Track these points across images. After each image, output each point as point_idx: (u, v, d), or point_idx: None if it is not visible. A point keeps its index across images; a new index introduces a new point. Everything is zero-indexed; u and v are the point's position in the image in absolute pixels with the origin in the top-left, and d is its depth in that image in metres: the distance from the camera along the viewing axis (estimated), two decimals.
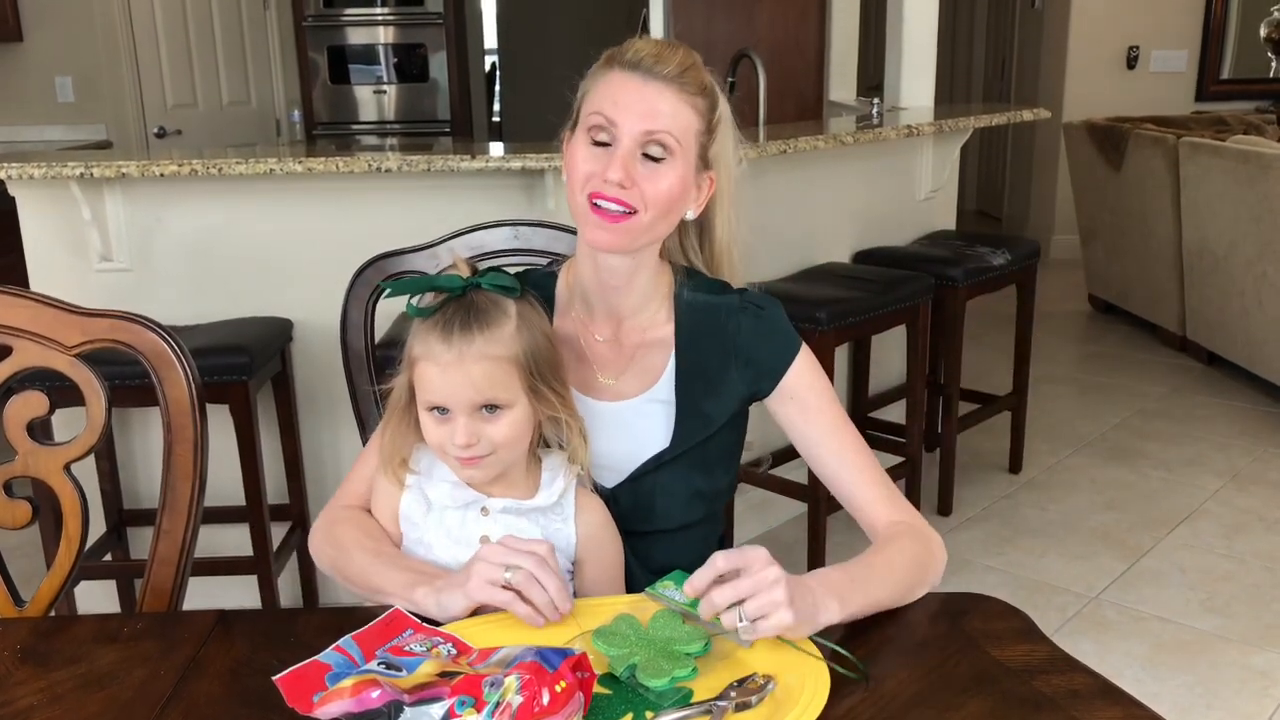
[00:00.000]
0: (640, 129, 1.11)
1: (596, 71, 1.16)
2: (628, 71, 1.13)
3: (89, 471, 2.46)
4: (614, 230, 1.13)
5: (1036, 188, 6.66)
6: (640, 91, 1.12)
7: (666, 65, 1.12)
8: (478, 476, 1.13)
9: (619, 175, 1.10)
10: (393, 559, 1.13)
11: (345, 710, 0.84)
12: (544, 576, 1.01)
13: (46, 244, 2.51)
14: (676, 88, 1.13)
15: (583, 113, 1.16)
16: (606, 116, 1.12)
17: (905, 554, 1.13)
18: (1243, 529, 3.04)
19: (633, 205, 1.12)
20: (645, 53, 1.13)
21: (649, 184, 1.12)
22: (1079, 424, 3.86)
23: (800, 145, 2.65)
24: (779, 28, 4.04)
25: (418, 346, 1.09)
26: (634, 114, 1.11)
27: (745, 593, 0.94)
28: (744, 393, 1.23)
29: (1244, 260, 3.94)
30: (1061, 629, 2.55)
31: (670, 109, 1.13)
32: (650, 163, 1.12)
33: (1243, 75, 6.33)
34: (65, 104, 4.72)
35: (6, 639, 1.05)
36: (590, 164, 1.13)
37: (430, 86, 5.64)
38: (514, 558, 1.01)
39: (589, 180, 1.13)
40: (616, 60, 1.14)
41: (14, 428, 1.21)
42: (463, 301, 1.09)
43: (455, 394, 1.07)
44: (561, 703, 0.84)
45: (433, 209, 2.49)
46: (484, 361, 1.07)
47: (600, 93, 1.14)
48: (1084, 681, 0.94)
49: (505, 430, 1.09)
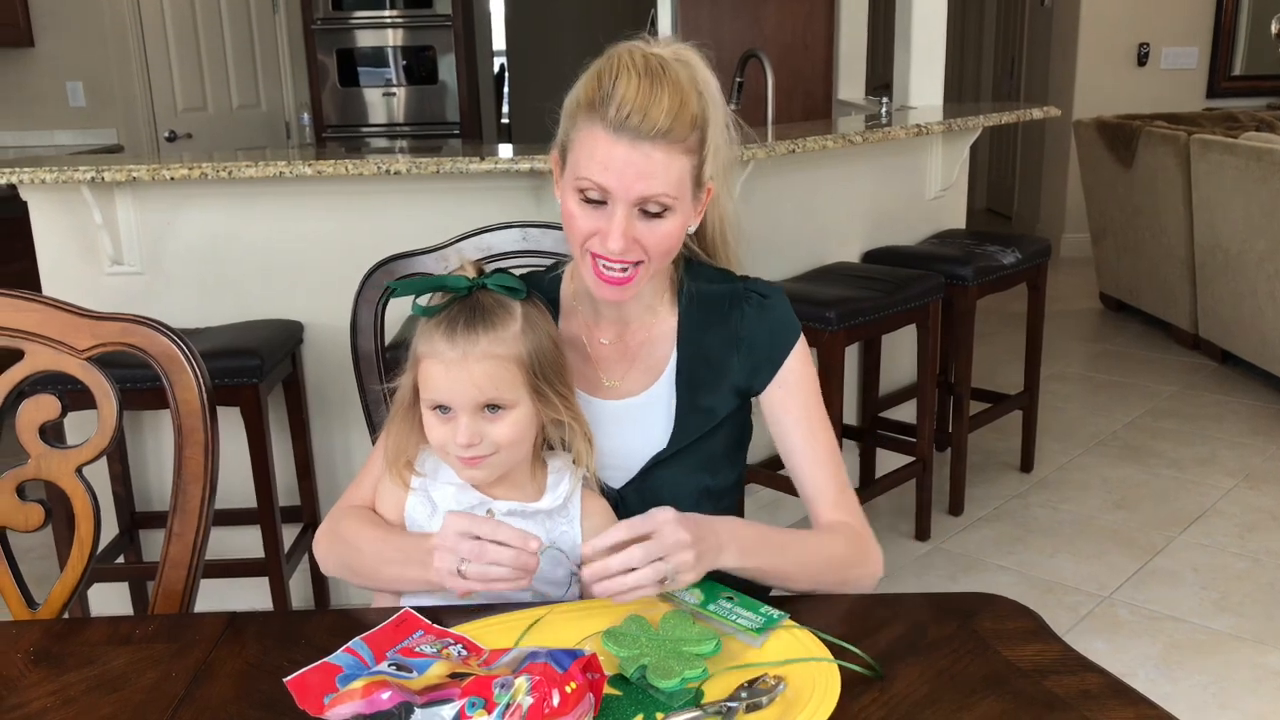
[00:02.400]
0: (634, 195, 1.08)
1: (580, 118, 1.10)
2: (613, 133, 1.06)
3: (101, 474, 2.47)
4: (619, 289, 1.13)
5: (1047, 186, 6.64)
6: (629, 156, 1.06)
7: (654, 121, 1.06)
8: (479, 477, 1.13)
9: (619, 245, 1.09)
10: (402, 543, 1.13)
11: (356, 712, 0.85)
12: (492, 556, 1.01)
13: (58, 248, 2.52)
14: (666, 143, 1.07)
15: (570, 161, 1.12)
16: (596, 183, 1.08)
17: (828, 549, 1.18)
18: (1256, 528, 3.02)
19: (635, 260, 1.12)
20: (630, 106, 1.05)
21: (649, 238, 1.10)
22: (1090, 423, 3.85)
23: (809, 145, 2.64)
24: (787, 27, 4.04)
25: (422, 345, 1.09)
26: (625, 180, 1.07)
27: (655, 554, 0.98)
28: (742, 384, 1.22)
29: (1256, 257, 3.92)
30: (1074, 629, 2.54)
31: (662, 168, 1.07)
32: (649, 218, 1.10)
33: (1254, 72, 6.30)
34: (76, 108, 4.75)
35: (20, 641, 1.05)
36: (586, 223, 1.11)
37: (439, 89, 5.65)
38: (461, 550, 1.02)
39: (588, 238, 1.11)
40: (600, 115, 1.07)
41: (26, 431, 1.22)
42: (468, 301, 1.09)
43: (458, 392, 1.07)
44: (572, 704, 0.83)
45: (442, 211, 2.49)
46: (487, 360, 1.07)
47: (585, 151, 1.09)
48: (1097, 681, 0.94)
49: (507, 430, 1.09)
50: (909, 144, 3.30)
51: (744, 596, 1.05)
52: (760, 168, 2.60)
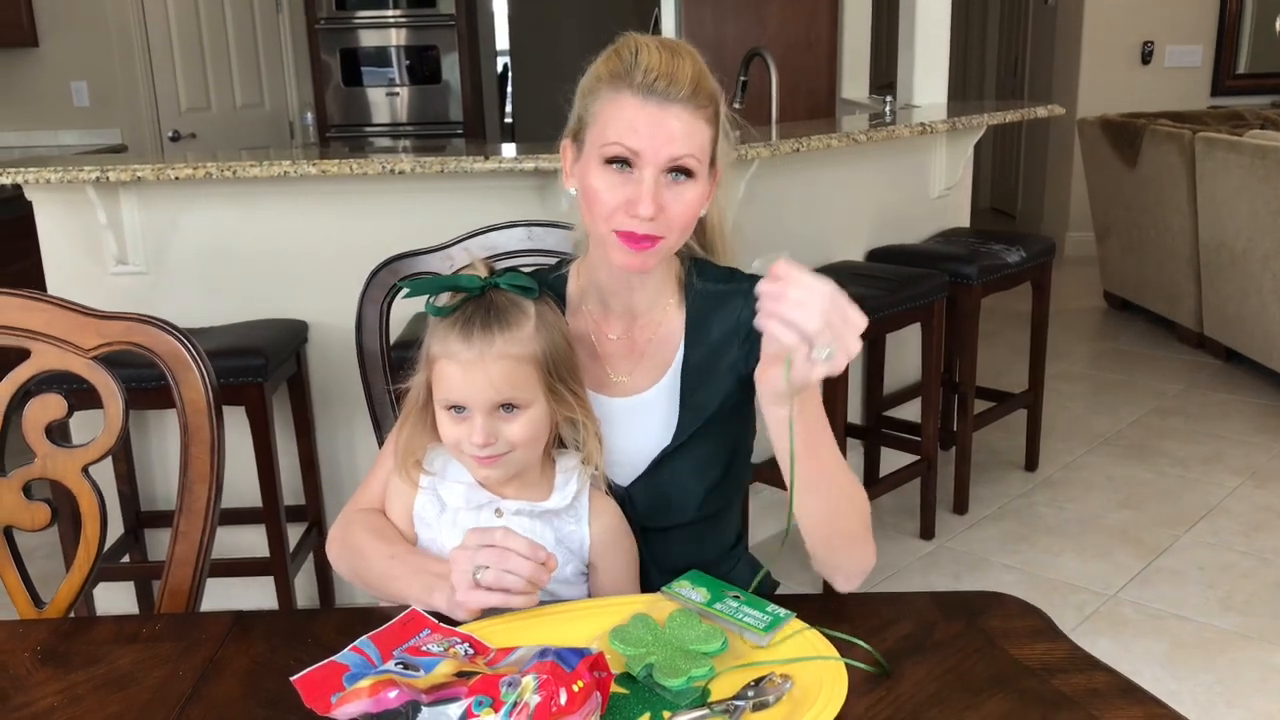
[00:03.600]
0: (665, 156, 1.09)
1: (602, 91, 1.12)
2: (641, 96, 1.09)
3: (107, 474, 2.48)
4: (643, 256, 1.13)
5: (1051, 184, 6.63)
6: (658, 117, 1.08)
7: (681, 86, 1.09)
8: (494, 476, 1.13)
9: (650, 210, 1.09)
10: (407, 562, 1.13)
11: (363, 710, 0.85)
12: (509, 564, 1.00)
13: (63, 247, 2.52)
14: (692, 108, 1.10)
15: (593, 135, 1.12)
16: (628, 147, 1.09)
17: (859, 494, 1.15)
18: (1262, 526, 3.02)
19: (660, 233, 1.11)
20: (657, 73, 1.08)
21: (674, 205, 1.11)
22: (1095, 422, 3.84)
23: (813, 144, 2.64)
24: (791, 26, 4.04)
25: (436, 345, 1.09)
26: (656, 142, 1.09)
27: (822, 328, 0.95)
28: (741, 371, 1.21)
29: (1262, 255, 3.91)
30: (1079, 628, 2.53)
31: (688, 130, 1.10)
32: (674, 185, 1.11)
33: (1259, 70, 6.29)
34: (80, 109, 4.75)
35: (26, 640, 1.06)
36: (614, 194, 1.10)
37: (442, 88, 5.66)
38: (479, 557, 1.01)
39: (615, 214, 1.11)
40: (626, 82, 1.10)
41: (33, 430, 1.22)
42: (482, 301, 1.09)
43: (474, 393, 1.07)
44: (579, 703, 0.83)
45: (446, 210, 2.49)
46: (504, 361, 1.07)
47: (613, 118, 1.10)
48: (1104, 680, 0.94)
49: (522, 430, 1.09)
50: (913, 143, 3.29)
51: (750, 595, 1.05)
52: (764, 167, 2.60)
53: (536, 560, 1.01)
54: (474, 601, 1.01)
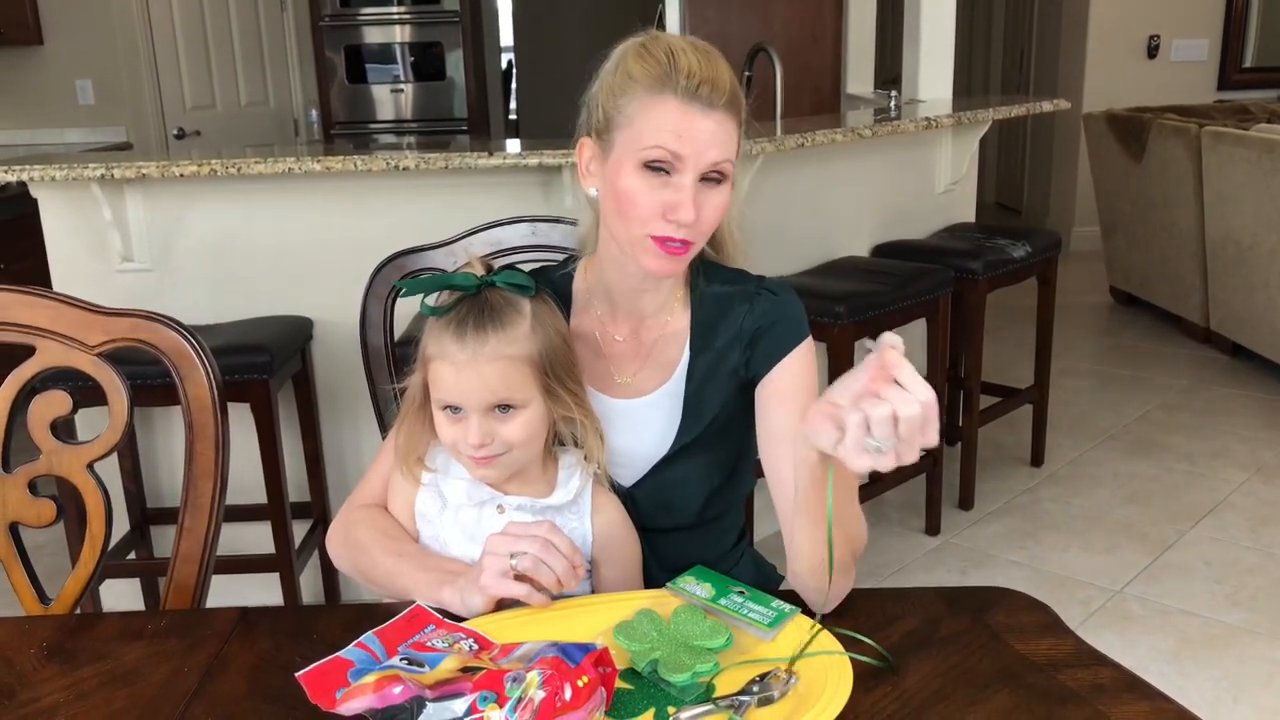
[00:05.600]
0: (707, 161, 1.09)
1: (638, 92, 1.09)
2: (685, 101, 1.07)
3: (112, 470, 2.48)
4: (675, 261, 1.13)
5: (1056, 179, 6.61)
6: (704, 123, 1.08)
7: (722, 92, 1.09)
8: (491, 475, 1.13)
9: (692, 216, 1.08)
10: (415, 558, 1.13)
11: (368, 706, 0.85)
12: (549, 557, 1.01)
13: (68, 245, 2.53)
14: (730, 112, 1.10)
15: (628, 137, 1.10)
16: (671, 151, 1.08)
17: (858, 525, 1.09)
18: (1268, 521, 3.01)
19: (692, 239, 1.11)
20: (700, 77, 1.08)
21: (706, 209, 1.11)
22: (1101, 417, 3.84)
23: (818, 139, 2.64)
24: (795, 21, 4.03)
25: (431, 345, 1.09)
26: (699, 146, 1.08)
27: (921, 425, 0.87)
28: (742, 375, 1.20)
29: (1268, 250, 3.89)
30: (1085, 623, 2.53)
31: (727, 136, 1.10)
32: (707, 189, 1.11)
33: (1265, 63, 6.27)
34: (85, 106, 4.76)
35: (32, 636, 1.06)
36: (651, 198, 1.09)
37: (447, 85, 5.65)
38: (519, 544, 1.01)
39: (653, 219, 1.10)
40: (670, 86, 1.08)
41: (38, 427, 1.22)
42: (477, 300, 1.09)
43: (469, 394, 1.07)
44: (584, 698, 0.83)
45: (450, 206, 2.49)
46: (498, 361, 1.06)
47: (655, 123, 1.08)
48: (1110, 675, 0.93)
49: (519, 430, 1.09)
50: (918, 138, 3.29)
51: (755, 591, 1.05)
52: (769, 162, 2.60)
53: (574, 562, 1.01)
54: (498, 589, 1.01)
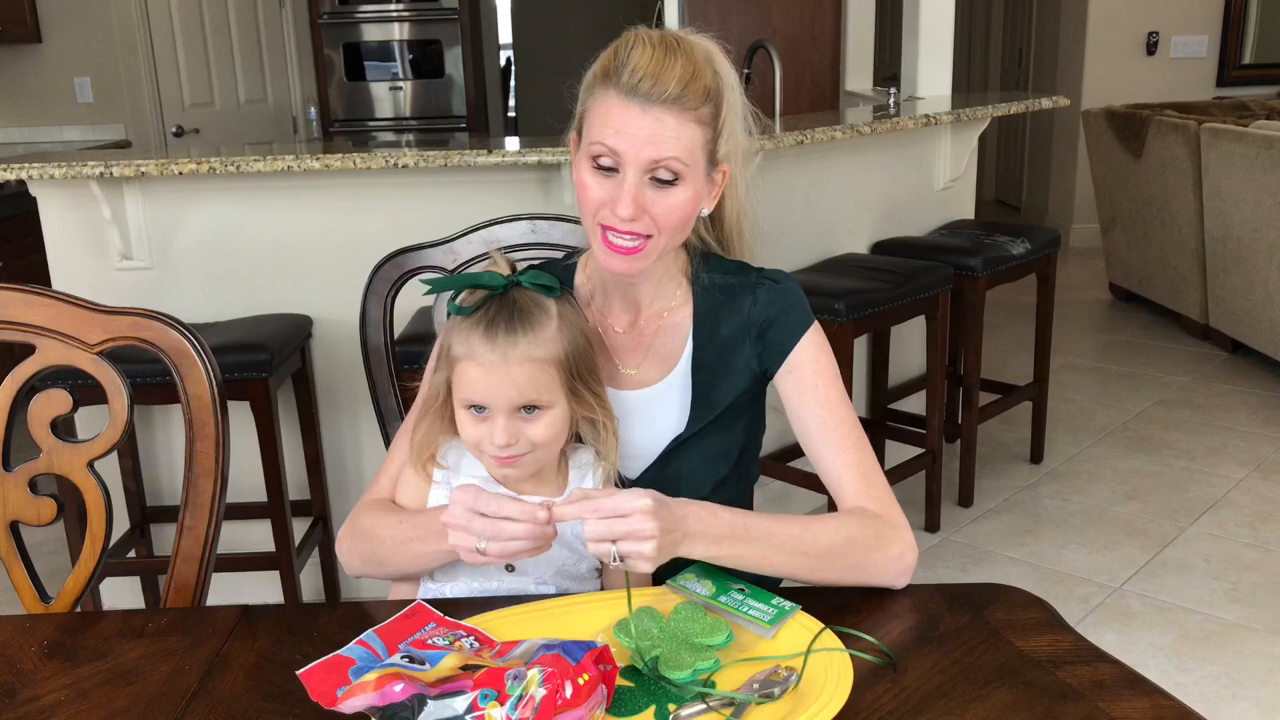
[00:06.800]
0: (645, 159, 1.08)
1: (593, 87, 1.11)
2: (625, 97, 1.07)
3: (112, 469, 2.48)
4: (628, 260, 1.12)
5: (1055, 176, 6.61)
6: (640, 120, 1.07)
7: (665, 86, 1.07)
8: (513, 475, 1.13)
9: (629, 211, 1.08)
10: (419, 520, 1.14)
11: (369, 704, 0.85)
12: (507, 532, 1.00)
13: (67, 243, 2.52)
14: (678, 109, 1.08)
15: (585, 131, 1.12)
16: (609, 146, 1.08)
17: (839, 533, 1.09)
18: (1267, 518, 3.01)
19: (645, 233, 1.11)
20: (642, 73, 1.07)
21: (660, 208, 1.10)
22: (1100, 414, 3.84)
23: (817, 136, 2.64)
24: (795, 18, 4.03)
25: (459, 345, 1.08)
26: (636, 143, 1.07)
27: (619, 535, 0.97)
28: (756, 369, 1.21)
29: (1267, 247, 3.90)
30: (1085, 620, 2.53)
31: (673, 133, 1.08)
32: (660, 186, 1.10)
33: (1264, 60, 6.27)
34: (84, 104, 4.75)
35: (33, 635, 1.06)
36: (598, 192, 1.10)
37: (446, 82, 5.65)
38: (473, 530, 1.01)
39: (599, 209, 1.11)
40: (613, 81, 1.08)
41: (38, 425, 1.22)
42: (504, 301, 1.08)
43: (497, 395, 1.07)
44: (584, 695, 0.83)
45: (450, 204, 2.49)
46: (527, 364, 1.06)
47: (599, 117, 1.09)
48: (1110, 672, 0.94)
49: (544, 430, 1.09)
50: (917, 135, 3.28)
51: (756, 588, 1.05)
52: (769, 159, 2.59)
53: (534, 520, 0.99)
54: (489, 563, 1.03)
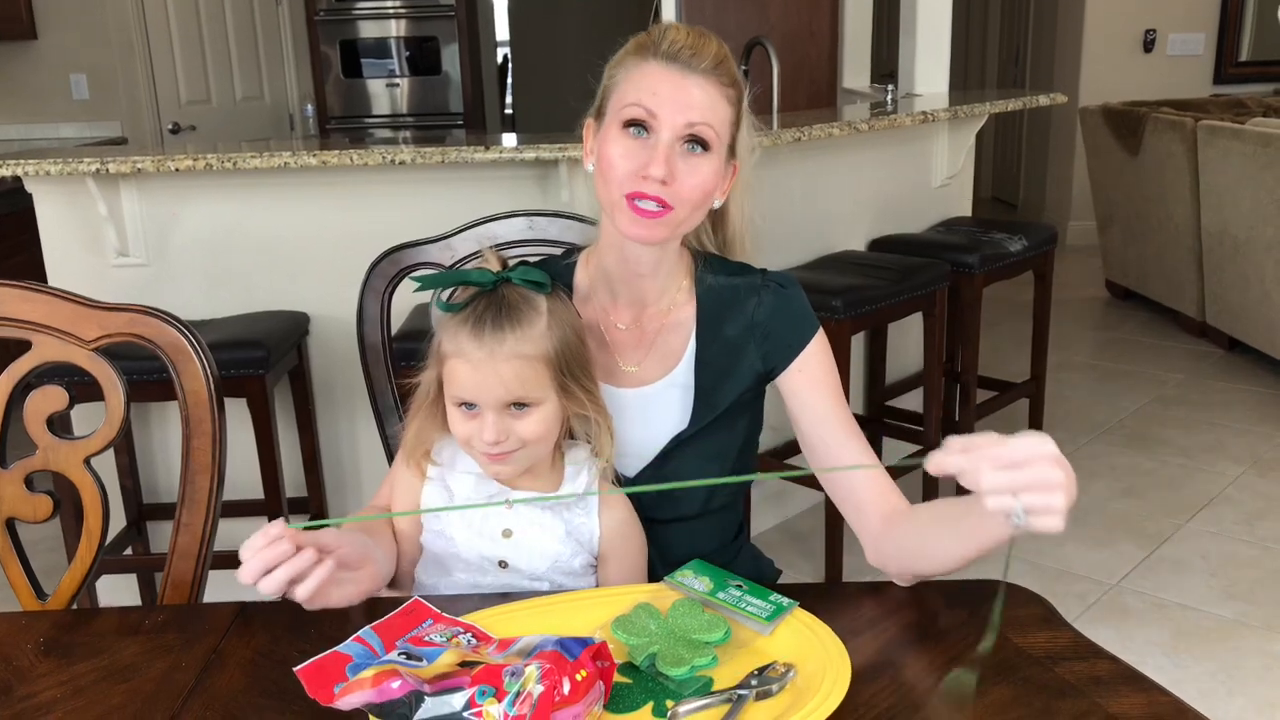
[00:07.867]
0: (682, 121, 1.10)
1: (627, 60, 1.14)
2: (665, 63, 1.11)
3: (109, 466, 2.48)
4: (651, 225, 1.12)
5: (1053, 173, 6.61)
6: (680, 83, 1.10)
7: (703, 58, 1.11)
8: (505, 472, 1.13)
9: (662, 171, 1.09)
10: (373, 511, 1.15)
11: (366, 701, 0.85)
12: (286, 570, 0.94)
13: (63, 240, 2.52)
14: (714, 80, 1.11)
15: (614, 102, 1.13)
16: (646, 108, 1.10)
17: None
18: (1264, 515, 3.02)
19: (670, 202, 1.11)
20: (682, 43, 1.11)
21: (687, 177, 1.11)
22: (1097, 411, 3.84)
23: (814, 133, 2.63)
24: (792, 15, 4.02)
25: (448, 343, 1.08)
26: (675, 106, 1.10)
27: (1021, 486, 0.93)
28: (759, 369, 1.21)
29: (1264, 244, 3.90)
30: (1082, 616, 2.53)
31: (708, 101, 1.11)
32: (689, 156, 1.11)
33: (1261, 57, 6.27)
34: (80, 101, 4.75)
35: (29, 632, 1.06)
36: (629, 160, 1.10)
37: (443, 79, 5.65)
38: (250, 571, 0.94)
39: (628, 178, 1.10)
40: (651, 50, 1.12)
41: (34, 422, 1.22)
42: (493, 297, 1.08)
43: (485, 391, 1.07)
44: (582, 692, 0.83)
45: (447, 201, 2.49)
46: (515, 360, 1.06)
47: (636, 83, 1.12)
48: (1107, 668, 0.94)
49: (534, 427, 1.09)
50: (914, 132, 3.28)
51: (753, 584, 1.05)
52: (766, 156, 2.57)
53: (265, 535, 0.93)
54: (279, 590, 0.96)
